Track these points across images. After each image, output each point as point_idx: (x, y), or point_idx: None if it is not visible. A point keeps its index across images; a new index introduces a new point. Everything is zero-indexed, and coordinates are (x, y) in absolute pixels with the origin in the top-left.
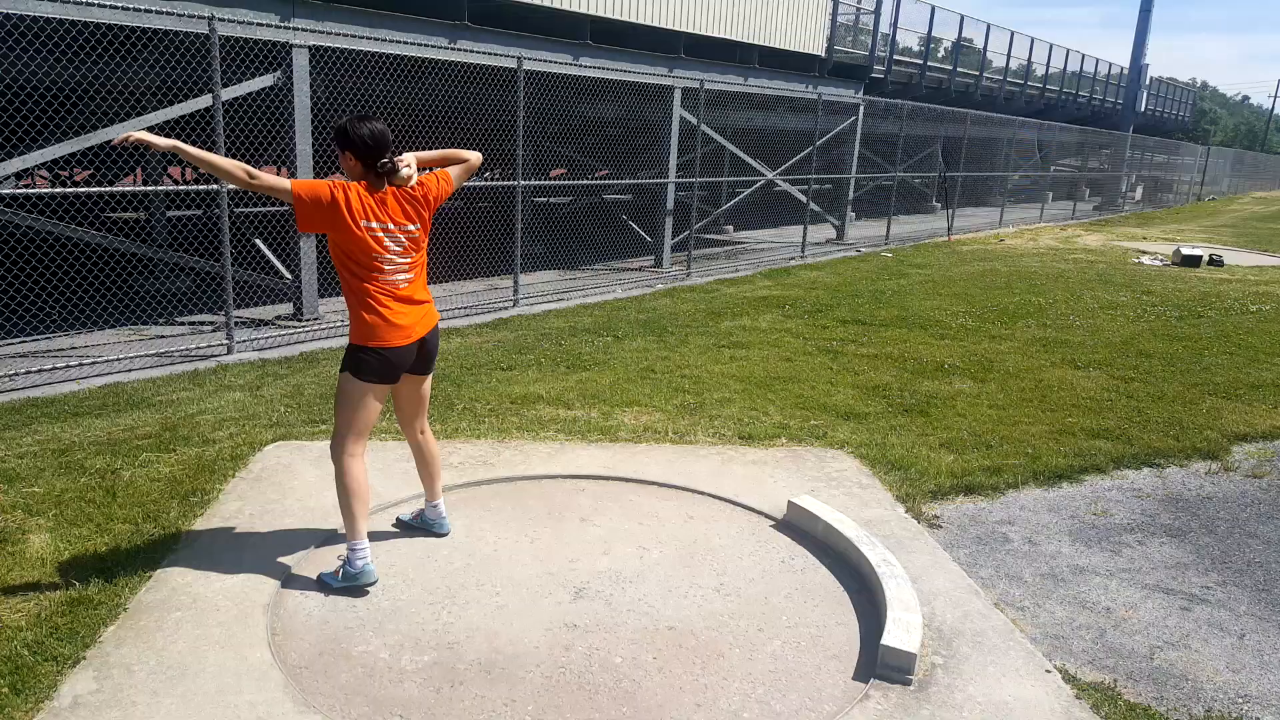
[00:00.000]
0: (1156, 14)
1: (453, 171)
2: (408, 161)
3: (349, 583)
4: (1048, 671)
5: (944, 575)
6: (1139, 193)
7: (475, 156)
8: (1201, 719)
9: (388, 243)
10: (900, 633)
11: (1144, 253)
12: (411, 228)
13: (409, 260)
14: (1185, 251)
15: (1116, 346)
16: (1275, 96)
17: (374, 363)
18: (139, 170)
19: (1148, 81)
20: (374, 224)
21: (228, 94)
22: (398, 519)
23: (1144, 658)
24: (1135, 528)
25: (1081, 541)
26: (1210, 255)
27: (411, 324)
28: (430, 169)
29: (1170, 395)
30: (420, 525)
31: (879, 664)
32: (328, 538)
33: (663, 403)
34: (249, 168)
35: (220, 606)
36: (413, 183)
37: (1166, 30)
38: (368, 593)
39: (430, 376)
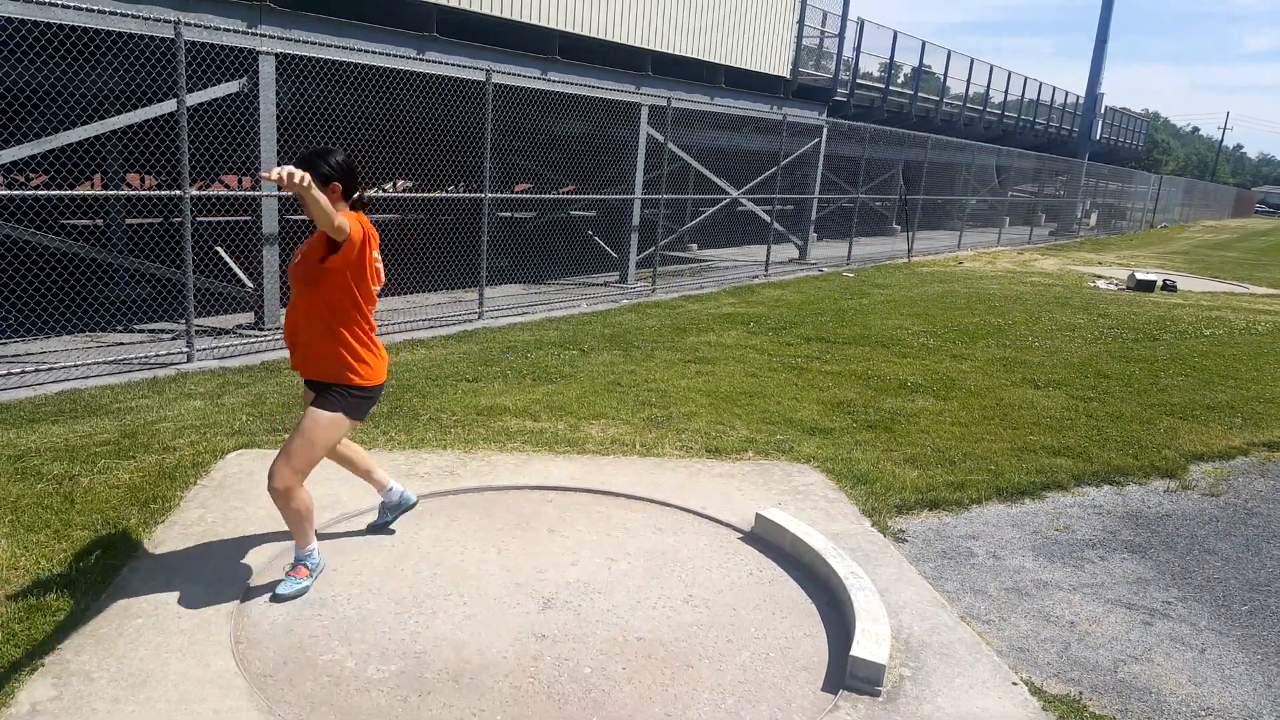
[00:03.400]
0: (1111, 45)
1: None
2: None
3: (315, 575)
4: (1014, 684)
5: (910, 588)
6: (1094, 219)
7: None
8: None
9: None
10: (869, 644)
11: (1099, 277)
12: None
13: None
14: (1140, 276)
15: (1075, 367)
16: (1223, 129)
17: (368, 403)
18: (98, 175)
19: (1103, 110)
20: (377, 253)
21: (192, 99)
22: (369, 525)
23: (1108, 671)
24: (1097, 543)
25: (1044, 556)
26: (1164, 280)
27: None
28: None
29: (1128, 415)
30: (393, 514)
31: (848, 675)
32: (292, 545)
33: (629, 416)
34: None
35: (182, 614)
36: None
37: (1121, 60)
38: (332, 599)
39: None
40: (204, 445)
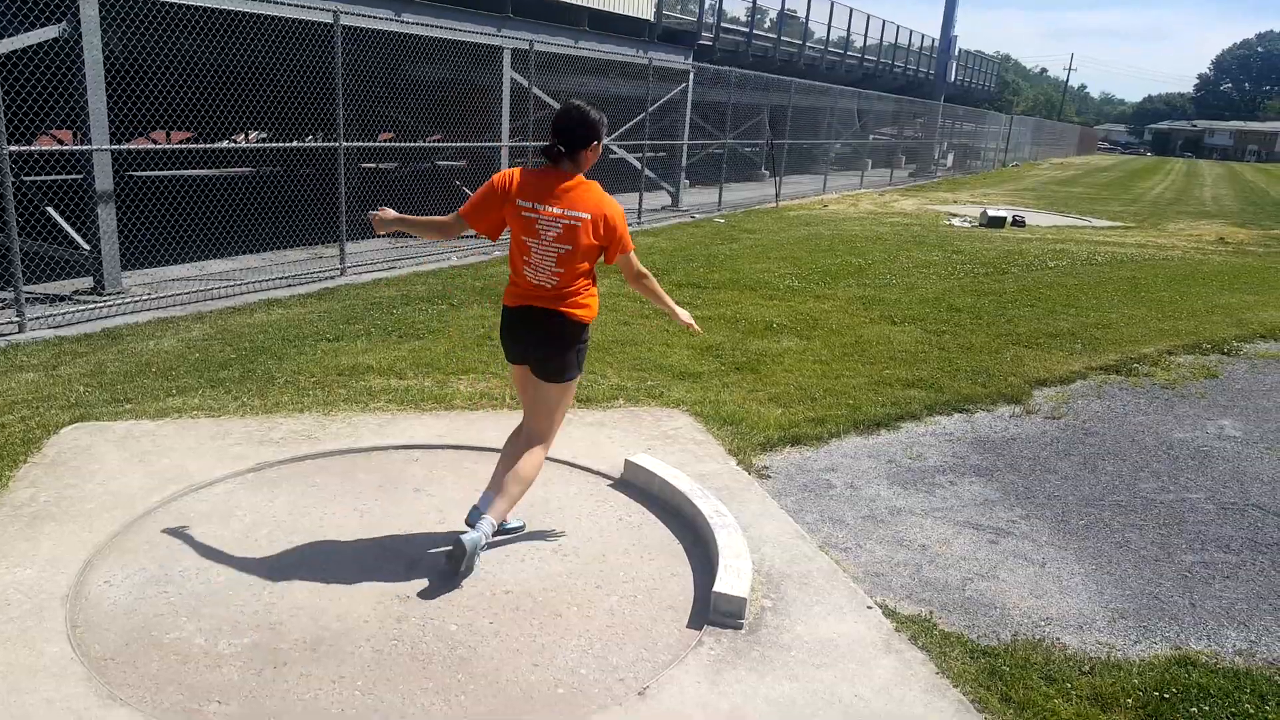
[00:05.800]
0: None
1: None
2: None
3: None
4: (869, 608)
5: (773, 522)
6: (950, 159)
7: None
8: (1009, 643)
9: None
10: (731, 579)
11: (954, 215)
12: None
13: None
14: (991, 213)
15: (929, 302)
16: (1069, 70)
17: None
18: None
19: (957, 53)
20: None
21: (3, 47)
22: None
23: (956, 589)
24: (947, 469)
25: (899, 484)
26: (1013, 217)
27: (523, 290)
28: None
29: (978, 346)
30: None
31: (712, 611)
32: (134, 522)
33: (500, 369)
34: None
35: (11, 600)
36: None
37: (974, 4)
38: (179, 575)
39: (548, 387)
40: (36, 420)
